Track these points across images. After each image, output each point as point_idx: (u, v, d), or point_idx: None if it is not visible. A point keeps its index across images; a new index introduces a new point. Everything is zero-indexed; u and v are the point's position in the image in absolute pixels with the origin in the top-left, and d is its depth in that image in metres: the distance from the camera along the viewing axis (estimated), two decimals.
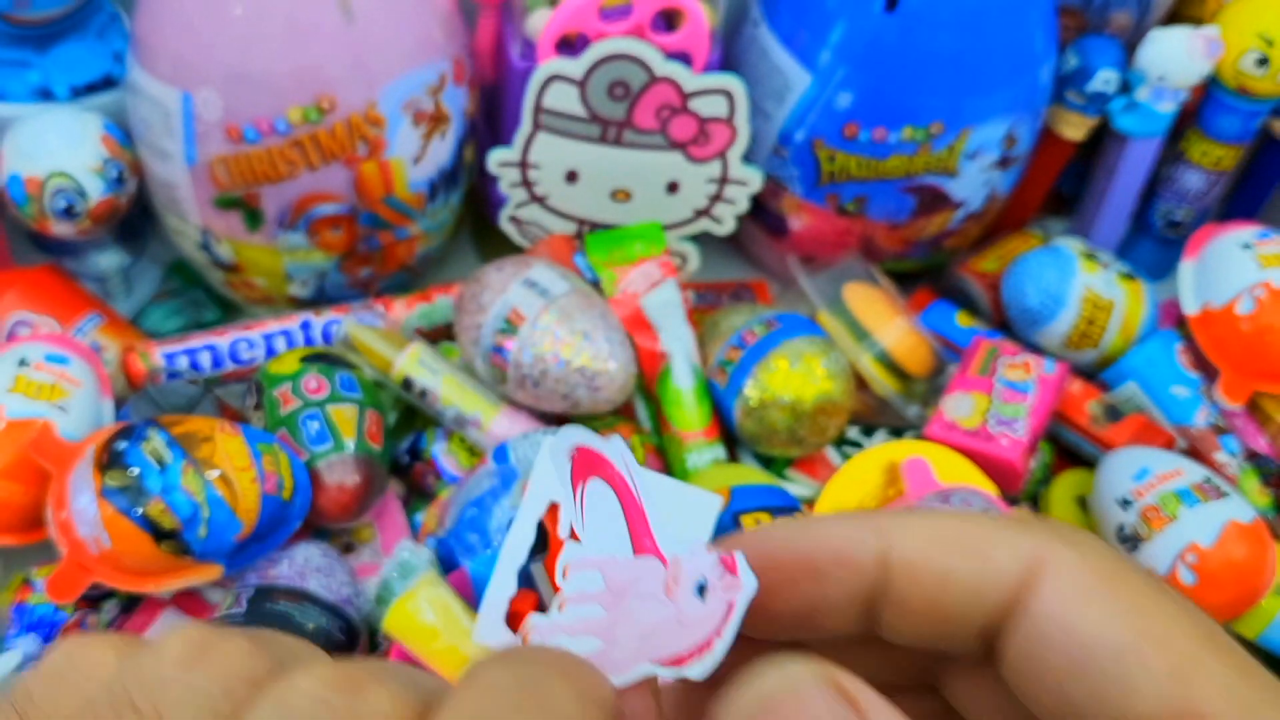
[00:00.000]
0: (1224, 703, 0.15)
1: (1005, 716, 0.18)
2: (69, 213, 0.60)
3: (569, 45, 0.61)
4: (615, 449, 0.19)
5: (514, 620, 0.53)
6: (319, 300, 0.67)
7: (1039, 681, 0.16)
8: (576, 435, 0.21)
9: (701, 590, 0.18)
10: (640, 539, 0.19)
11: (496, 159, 0.63)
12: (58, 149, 0.59)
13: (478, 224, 0.74)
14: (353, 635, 0.52)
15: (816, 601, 0.17)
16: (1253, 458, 0.64)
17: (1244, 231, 0.67)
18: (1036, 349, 0.67)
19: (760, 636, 0.18)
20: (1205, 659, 0.15)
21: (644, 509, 0.18)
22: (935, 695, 0.19)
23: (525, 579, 0.54)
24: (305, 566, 0.53)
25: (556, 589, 0.50)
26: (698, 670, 0.18)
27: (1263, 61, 0.65)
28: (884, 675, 0.16)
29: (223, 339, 0.63)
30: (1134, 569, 0.16)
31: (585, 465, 0.21)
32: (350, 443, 0.57)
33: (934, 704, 0.19)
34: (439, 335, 0.67)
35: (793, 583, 0.17)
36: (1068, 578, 0.16)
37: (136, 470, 0.51)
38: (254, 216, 0.60)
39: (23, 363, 0.57)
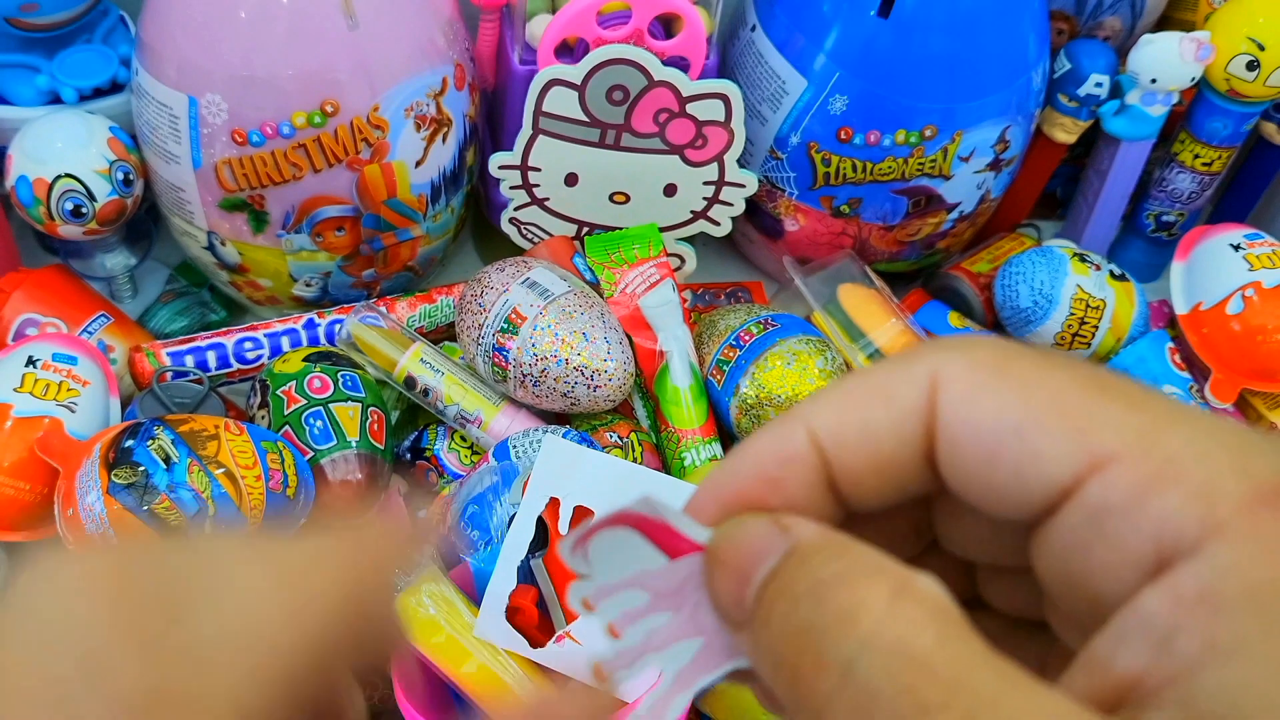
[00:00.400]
0: (1123, 440, 0.15)
1: (975, 536, 0.19)
2: (77, 214, 0.61)
3: (569, 50, 0.61)
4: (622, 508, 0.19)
5: (514, 615, 0.54)
6: (323, 301, 0.67)
7: (967, 485, 0.17)
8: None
9: None
10: (675, 549, 0.19)
11: (498, 162, 0.64)
12: (65, 151, 0.60)
13: (479, 226, 0.75)
14: None
15: (789, 508, 0.17)
16: None
17: (1234, 233, 0.67)
18: None
19: None
20: (1097, 407, 0.16)
21: (667, 522, 0.18)
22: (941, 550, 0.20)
23: (525, 574, 0.54)
24: None
25: (573, 618, 0.50)
26: None
27: (1253, 65, 0.65)
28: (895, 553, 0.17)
29: (228, 339, 0.64)
30: (1021, 352, 0.17)
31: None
32: (354, 440, 0.57)
33: (943, 558, 0.20)
34: (441, 335, 0.67)
35: (761, 502, 0.18)
36: (959, 381, 0.17)
37: (143, 468, 0.51)
38: (259, 218, 0.61)
39: (31, 362, 0.58)
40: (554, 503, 0.50)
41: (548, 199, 0.66)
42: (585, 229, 0.68)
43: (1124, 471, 0.15)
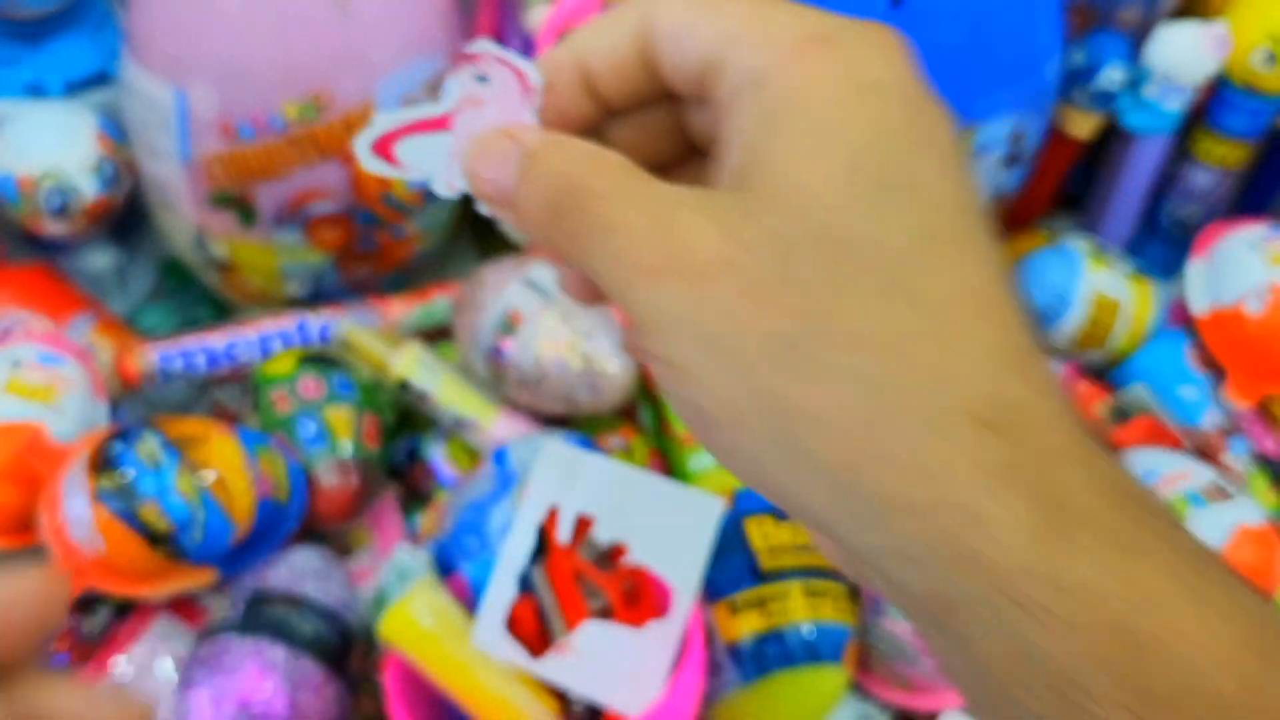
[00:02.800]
0: (740, 26, 0.22)
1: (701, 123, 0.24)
2: (62, 211, 0.60)
3: None
4: None
5: (512, 626, 0.53)
6: (316, 300, 0.66)
7: (672, 78, 0.23)
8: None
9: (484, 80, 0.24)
10: None
11: None
12: (51, 147, 0.59)
13: (476, 223, 0.74)
14: (349, 640, 0.52)
15: (562, 105, 0.24)
16: (1262, 459, 0.64)
17: (1253, 230, 0.67)
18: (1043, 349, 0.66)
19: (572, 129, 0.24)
20: (731, 7, 0.22)
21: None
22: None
23: (524, 584, 0.53)
24: (302, 570, 0.53)
25: (573, 625, 0.50)
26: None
27: (1271, 59, 0.65)
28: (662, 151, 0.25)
29: (218, 340, 0.63)
30: None
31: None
32: (347, 445, 0.56)
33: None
34: (438, 335, 0.66)
35: (573, 89, 0.24)
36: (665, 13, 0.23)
37: (130, 473, 0.50)
38: (249, 214, 0.60)
39: (15, 363, 0.57)
40: (553, 511, 0.49)
41: None
42: None
43: (742, 44, 0.21)
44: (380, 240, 0.64)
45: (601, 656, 0.47)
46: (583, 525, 0.49)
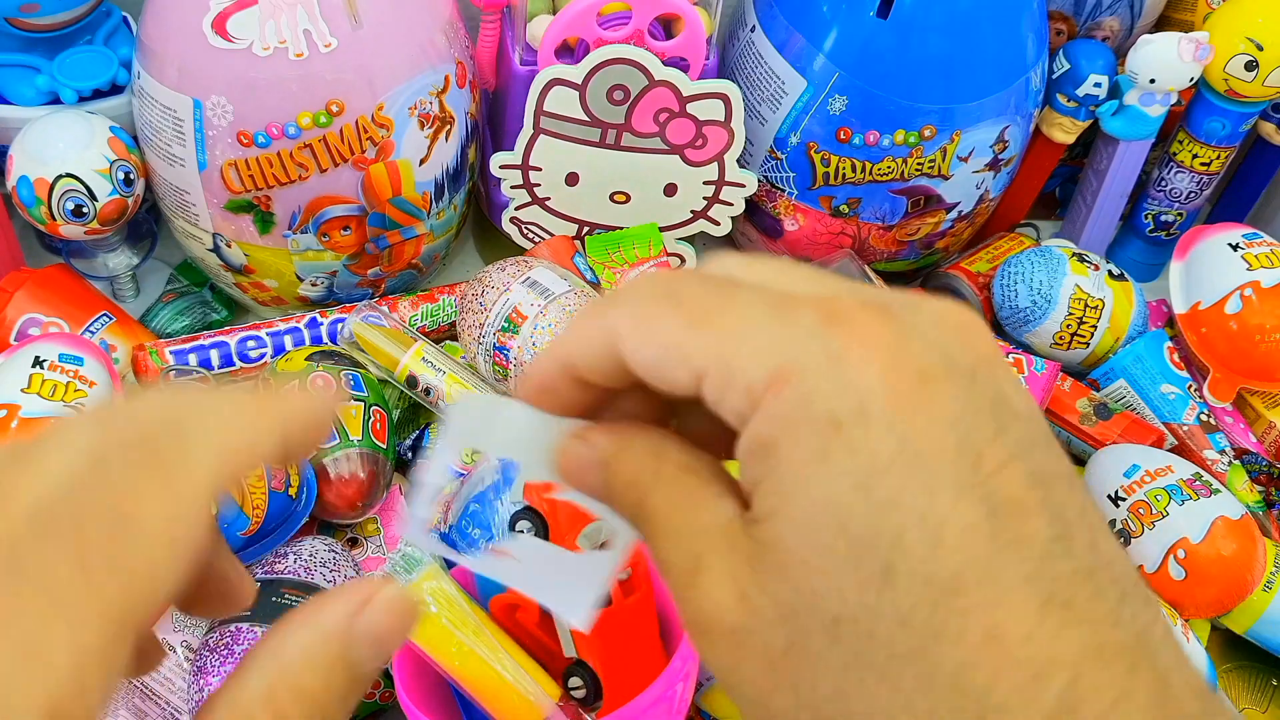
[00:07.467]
0: (705, 360, 0.22)
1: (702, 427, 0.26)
2: (78, 214, 0.61)
3: (569, 51, 0.62)
4: None
5: (513, 611, 0.54)
6: (328, 300, 0.67)
7: (653, 383, 0.24)
8: None
9: None
10: None
11: (499, 161, 0.64)
12: (66, 151, 0.60)
13: (480, 225, 0.75)
14: None
15: (561, 390, 0.26)
16: (1241, 455, 0.65)
17: (1232, 232, 0.67)
18: (1027, 348, 0.67)
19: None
20: (690, 338, 0.23)
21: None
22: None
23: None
24: (311, 560, 0.54)
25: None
26: None
27: (1251, 65, 0.66)
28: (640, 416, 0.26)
29: (231, 337, 0.64)
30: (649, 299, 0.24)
31: None
32: (356, 439, 0.57)
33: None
34: (443, 334, 0.68)
35: (553, 389, 0.26)
36: (626, 330, 0.24)
37: None
38: (265, 219, 0.61)
39: (38, 362, 0.57)
40: (553, 502, 0.50)
41: (548, 198, 0.66)
42: (586, 228, 0.68)
43: (711, 380, 0.22)
44: (391, 241, 0.64)
45: (539, 565, 0.48)
46: (581, 518, 0.50)
